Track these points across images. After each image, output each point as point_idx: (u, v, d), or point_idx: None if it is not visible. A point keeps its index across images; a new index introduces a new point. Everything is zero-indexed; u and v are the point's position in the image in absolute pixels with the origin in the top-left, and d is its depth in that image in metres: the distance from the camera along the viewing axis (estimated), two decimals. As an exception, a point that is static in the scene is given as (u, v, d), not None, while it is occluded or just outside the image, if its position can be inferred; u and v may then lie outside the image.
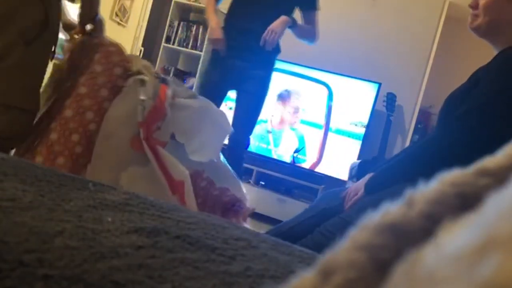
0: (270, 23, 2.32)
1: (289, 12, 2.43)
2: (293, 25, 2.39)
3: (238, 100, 2.50)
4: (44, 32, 1.53)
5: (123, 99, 1.53)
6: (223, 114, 1.73)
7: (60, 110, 1.54)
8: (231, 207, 1.69)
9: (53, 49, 1.62)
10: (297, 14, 2.51)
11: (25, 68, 1.51)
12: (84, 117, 1.52)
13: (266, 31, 2.29)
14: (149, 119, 1.49)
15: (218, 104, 2.34)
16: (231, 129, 1.77)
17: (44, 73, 1.61)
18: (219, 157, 1.71)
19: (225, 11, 2.57)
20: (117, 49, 1.59)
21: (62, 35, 1.73)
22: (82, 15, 1.65)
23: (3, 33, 1.46)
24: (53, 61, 1.69)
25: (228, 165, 1.75)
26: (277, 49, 2.46)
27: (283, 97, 3.59)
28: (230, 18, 2.48)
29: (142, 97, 1.49)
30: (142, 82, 1.54)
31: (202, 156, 1.58)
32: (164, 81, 1.62)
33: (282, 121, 3.60)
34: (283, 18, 2.33)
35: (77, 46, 1.65)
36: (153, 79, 1.57)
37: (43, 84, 1.63)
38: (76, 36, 1.67)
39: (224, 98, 2.53)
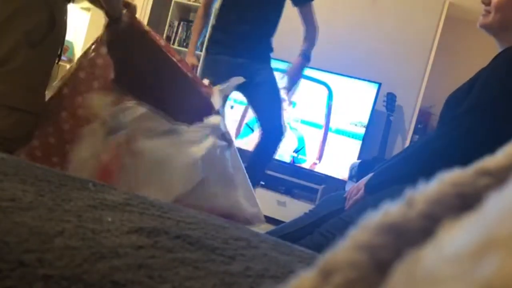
0: (262, 17, 2.36)
1: (280, 6, 2.45)
2: (308, 60, 2.47)
3: (252, 96, 2.48)
4: (49, 35, 1.52)
5: (80, 147, 1.51)
6: (186, 163, 1.60)
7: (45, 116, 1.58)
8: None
9: (59, 52, 1.62)
10: (288, 8, 2.51)
11: (29, 70, 1.51)
12: (60, 116, 1.56)
13: (288, 80, 2.43)
14: (98, 177, 1.44)
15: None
16: (193, 179, 1.63)
17: (49, 75, 1.61)
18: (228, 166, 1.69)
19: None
20: (104, 63, 1.58)
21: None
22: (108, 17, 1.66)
23: (7, 36, 1.46)
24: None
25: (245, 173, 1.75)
26: (270, 48, 2.51)
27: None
28: (221, 17, 2.49)
29: (83, 155, 1.46)
30: (93, 132, 1.50)
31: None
32: (115, 129, 1.53)
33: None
34: (299, 62, 2.44)
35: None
36: (102, 128, 1.51)
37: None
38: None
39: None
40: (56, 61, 1.63)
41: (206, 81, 2.03)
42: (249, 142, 3.37)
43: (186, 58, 2.43)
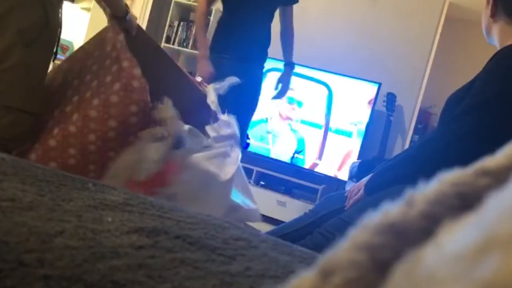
0: (261, 21, 2.44)
1: (272, 11, 2.53)
2: (293, 67, 2.64)
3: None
4: (43, 33, 1.52)
5: (133, 149, 1.50)
6: (226, 185, 1.63)
7: (63, 119, 1.54)
8: None
9: (54, 51, 1.62)
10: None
11: (25, 69, 1.50)
12: (86, 138, 1.51)
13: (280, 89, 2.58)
14: (150, 183, 1.45)
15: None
16: (230, 203, 1.66)
17: (45, 74, 1.60)
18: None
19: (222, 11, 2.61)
20: (140, 86, 1.54)
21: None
22: (111, 15, 1.66)
23: (2, 35, 1.45)
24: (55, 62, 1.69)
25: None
26: (268, 42, 2.60)
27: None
28: (224, 20, 2.55)
29: (151, 156, 1.46)
30: (157, 138, 1.50)
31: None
32: (179, 142, 1.54)
33: (280, 116, 3.60)
34: (287, 72, 2.63)
35: (101, 35, 1.63)
36: (170, 138, 1.52)
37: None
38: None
39: None
40: (52, 59, 1.63)
41: (198, 79, 2.04)
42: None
43: (199, 65, 2.41)
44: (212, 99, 1.82)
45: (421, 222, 0.22)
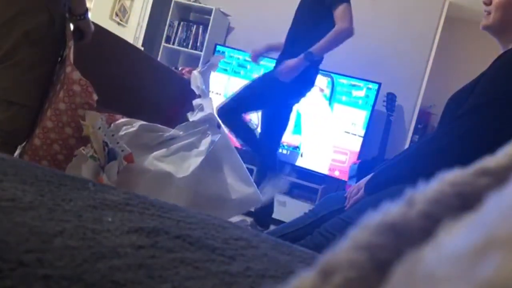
0: (305, 34, 2.45)
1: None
2: (310, 56, 2.40)
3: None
4: (49, 34, 1.60)
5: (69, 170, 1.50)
6: (186, 181, 1.57)
7: (42, 118, 1.59)
8: None
9: (61, 52, 1.69)
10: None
11: (28, 66, 1.58)
12: (64, 131, 1.55)
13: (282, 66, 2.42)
14: None
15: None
16: (209, 196, 1.62)
17: (48, 72, 1.67)
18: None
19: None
20: (82, 89, 1.57)
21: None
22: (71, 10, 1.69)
23: (10, 34, 1.55)
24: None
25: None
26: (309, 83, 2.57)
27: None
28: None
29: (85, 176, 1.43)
30: (85, 159, 1.49)
31: None
32: (112, 154, 1.50)
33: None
34: (298, 58, 2.40)
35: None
36: (100, 154, 1.49)
37: None
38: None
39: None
40: (59, 61, 1.70)
41: (186, 69, 2.07)
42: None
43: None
44: (197, 84, 1.82)
45: (421, 222, 0.22)
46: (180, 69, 2.18)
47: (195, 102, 1.78)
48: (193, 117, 1.72)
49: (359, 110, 3.44)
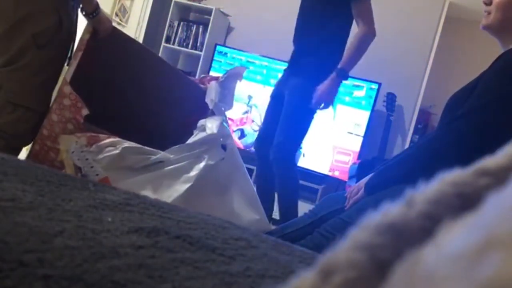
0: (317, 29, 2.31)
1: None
2: (343, 73, 2.22)
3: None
4: (56, 37, 1.60)
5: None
6: None
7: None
8: None
9: (69, 55, 1.69)
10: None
11: (36, 69, 1.58)
12: (48, 154, 1.56)
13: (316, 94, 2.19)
14: None
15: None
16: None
17: (56, 75, 1.68)
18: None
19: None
20: (71, 104, 1.57)
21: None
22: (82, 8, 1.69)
23: (19, 37, 1.55)
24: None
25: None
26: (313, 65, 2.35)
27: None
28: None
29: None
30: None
31: None
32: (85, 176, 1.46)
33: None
34: (330, 78, 2.19)
35: None
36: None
37: None
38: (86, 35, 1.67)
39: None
40: (66, 63, 1.70)
41: (208, 77, 2.01)
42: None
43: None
44: (212, 97, 1.76)
45: (421, 222, 0.22)
46: (201, 76, 2.07)
47: (200, 122, 1.65)
48: (191, 138, 1.60)
49: (362, 111, 3.44)
